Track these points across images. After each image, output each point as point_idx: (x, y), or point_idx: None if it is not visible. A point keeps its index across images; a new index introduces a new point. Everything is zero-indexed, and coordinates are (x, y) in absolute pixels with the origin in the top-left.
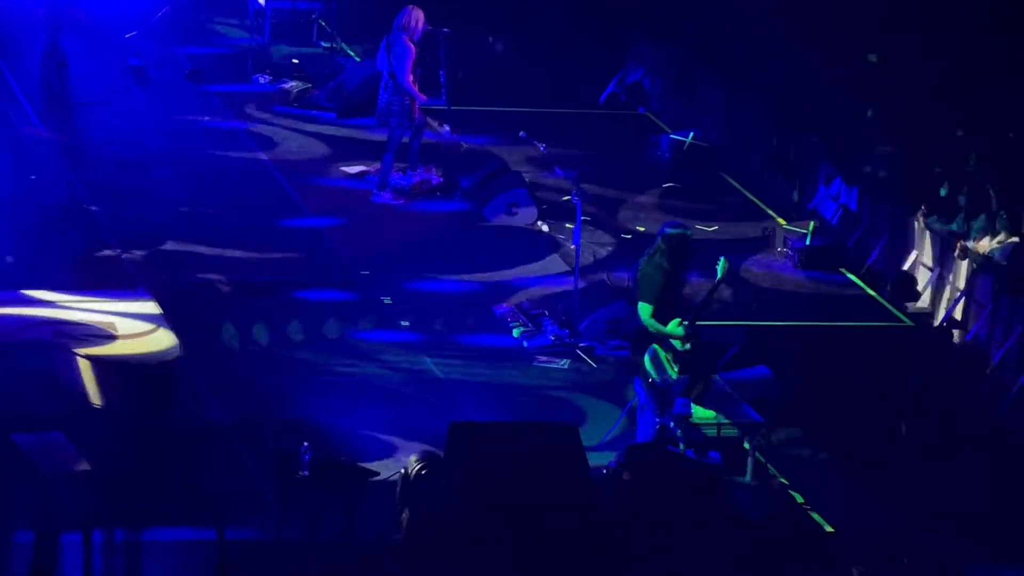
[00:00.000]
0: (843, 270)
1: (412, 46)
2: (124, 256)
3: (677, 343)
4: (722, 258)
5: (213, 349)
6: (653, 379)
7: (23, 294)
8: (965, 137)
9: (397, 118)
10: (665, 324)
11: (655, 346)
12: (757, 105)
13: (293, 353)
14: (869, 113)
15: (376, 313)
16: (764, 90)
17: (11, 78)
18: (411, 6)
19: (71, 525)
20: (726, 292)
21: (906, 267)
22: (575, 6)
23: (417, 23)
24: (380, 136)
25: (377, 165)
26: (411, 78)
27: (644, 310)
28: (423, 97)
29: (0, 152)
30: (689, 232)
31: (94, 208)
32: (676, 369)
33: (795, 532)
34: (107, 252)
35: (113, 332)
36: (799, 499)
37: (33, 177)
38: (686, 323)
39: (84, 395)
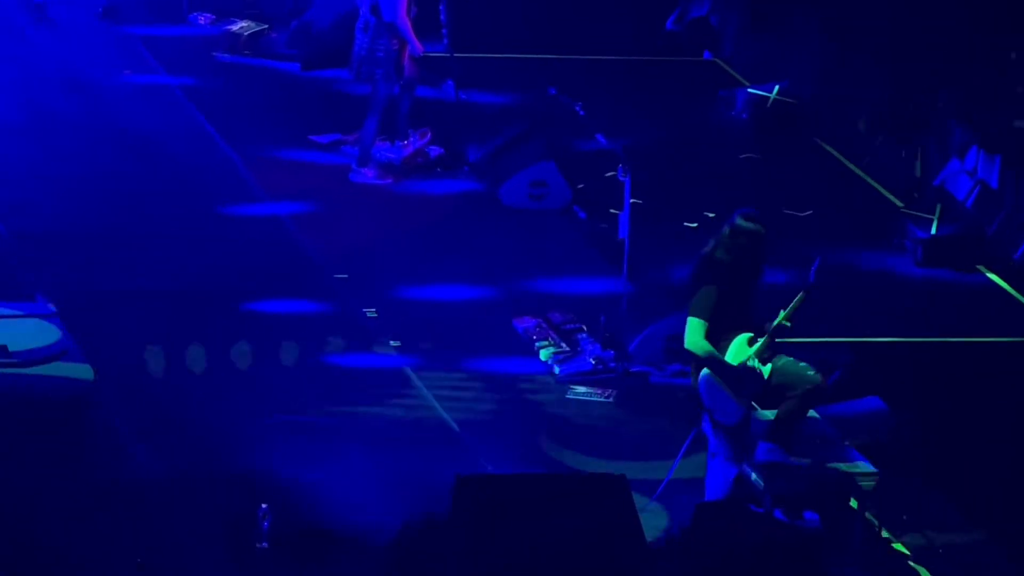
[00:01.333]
0: (980, 267)
1: None
2: (16, 256)
3: (755, 363)
4: (818, 259)
5: (138, 379)
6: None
7: None
8: None
9: (383, 67)
10: (723, 345)
11: (707, 372)
12: (863, 47)
13: (245, 384)
14: (1013, 56)
15: (355, 330)
16: (872, 28)
17: None
18: None
19: None
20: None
21: None
22: None
23: None
24: (360, 93)
25: (356, 133)
26: (404, 14)
27: (693, 329)
28: (419, 45)
29: None
30: (762, 229)
31: None
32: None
33: None
34: None
35: (2, 355)
36: (924, 575)
37: None
38: (755, 350)
39: None
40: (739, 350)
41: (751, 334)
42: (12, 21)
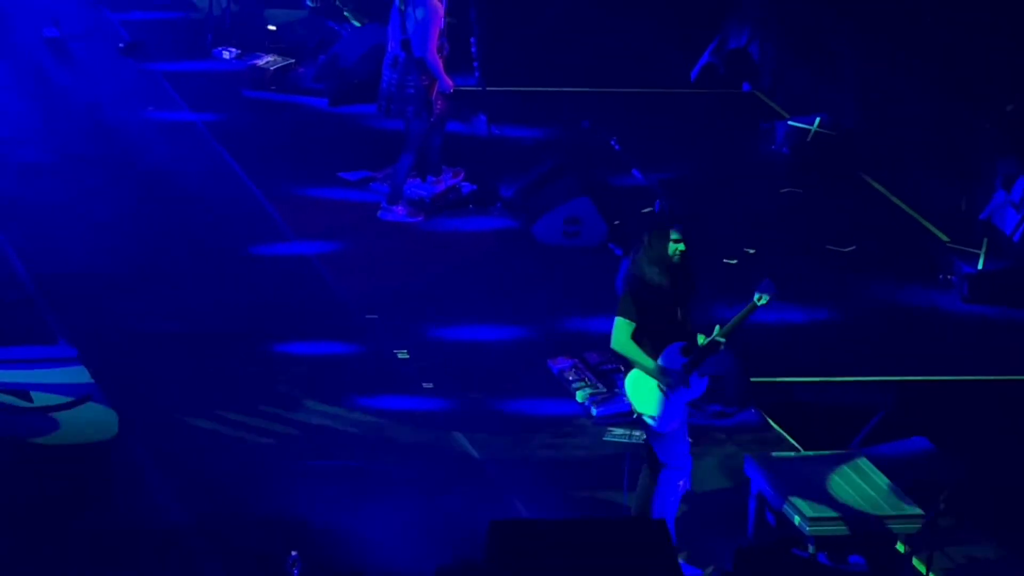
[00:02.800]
0: None
1: (440, 5)
2: (39, 298)
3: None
4: (767, 280)
5: (163, 424)
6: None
7: None
8: None
9: (413, 104)
10: (654, 351)
11: (634, 372)
12: (908, 78)
13: (273, 428)
14: None
15: (386, 372)
16: (917, 58)
17: None
18: None
19: None
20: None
21: None
22: None
23: None
24: (390, 129)
25: (386, 170)
26: (434, 50)
27: (617, 328)
28: (449, 81)
29: None
30: (675, 235)
31: None
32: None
33: None
34: (15, 292)
35: (26, 403)
36: None
37: None
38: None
39: None
40: (670, 359)
41: (685, 343)
42: (35, 60)
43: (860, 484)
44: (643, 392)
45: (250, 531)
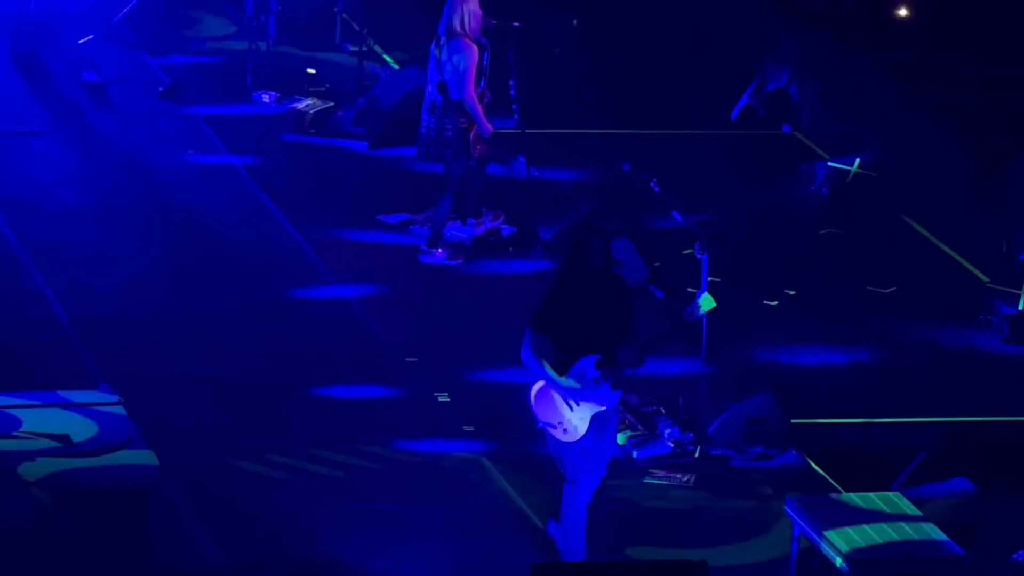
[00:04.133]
0: None
1: (474, 47)
2: (78, 341)
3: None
4: (705, 294)
5: (202, 467)
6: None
7: None
8: None
9: (452, 147)
10: (568, 362)
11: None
12: (947, 119)
13: (313, 470)
14: None
15: (427, 416)
16: (956, 98)
17: None
18: None
19: None
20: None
21: None
22: None
23: (471, 16)
24: (430, 172)
25: (426, 212)
26: (471, 91)
27: (525, 339)
28: (488, 126)
29: None
30: (591, 241)
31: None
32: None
33: None
34: (56, 335)
35: (67, 444)
36: None
37: None
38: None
39: (26, 532)
40: (582, 372)
41: (600, 356)
42: (75, 104)
43: (901, 525)
44: (547, 404)
45: (289, 574)
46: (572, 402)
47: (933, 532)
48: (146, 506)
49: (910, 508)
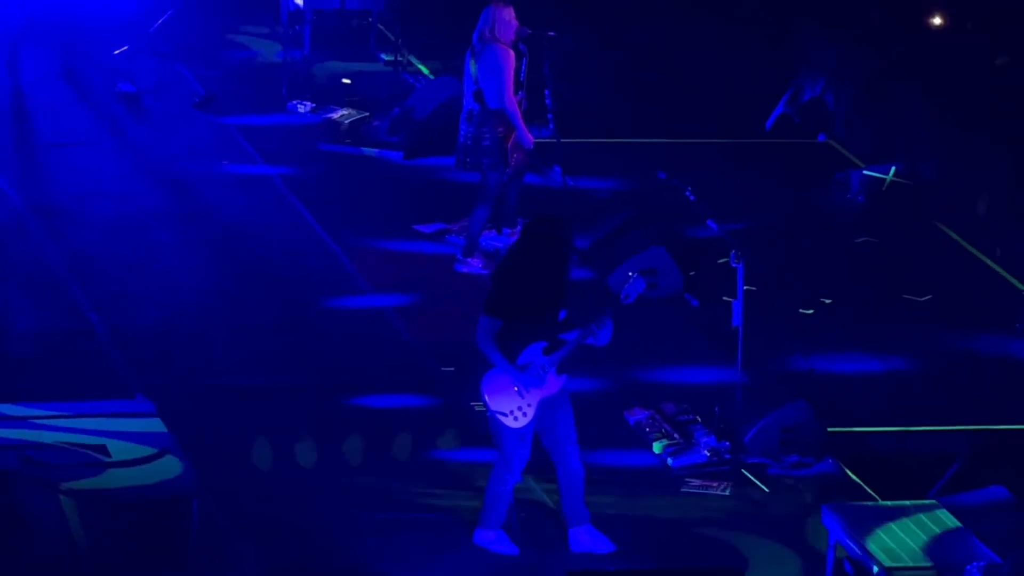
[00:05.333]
0: None
1: (510, 52)
2: (115, 352)
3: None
4: (634, 274)
5: (240, 477)
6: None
7: None
8: None
9: (490, 156)
10: (516, 347)
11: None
12: (983, 126)
13: (351, 481)
14: None
15: (463, 425)
16: (992, 106)
17: None
18: (494, 3)
19: None
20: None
21: None
22: None
23: (504, 25)
24: (465, 181)
25: (461, 222)
26: (511, 95)
27: (485, 327)
28: (530, 136)
29: None
30: (560, 233)
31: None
32: None
33: None
34: (93, 346)
35: (103, 457)
36: None
37: None
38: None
39: (62, 544)
40: (530, 358)
41: (547, 343)
42: (110, 116)
43: (938, 533)
44: (499, 391)
45: None
46: (521, 389)
47: (970, 540)
48: (183, 517)
49: (947, 516)
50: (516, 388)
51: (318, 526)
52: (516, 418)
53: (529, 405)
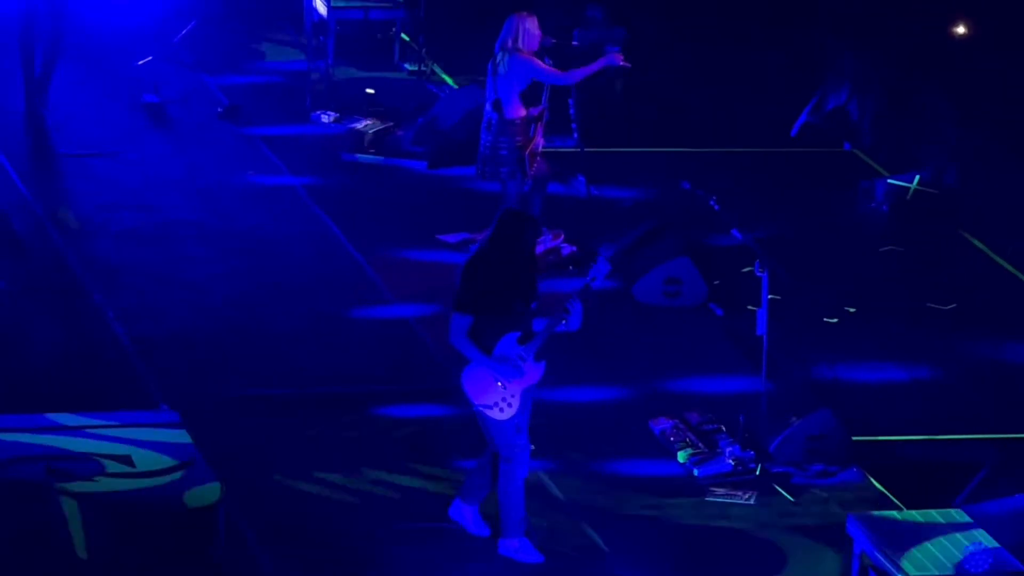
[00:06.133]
0: None
1: (531, 60)
2: (140, 363)
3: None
4: (603, 257)
5: (265, 488)
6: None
7: (4, 418)
8: None
9: (507, 166)
10: (490, 341)
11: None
12: (1007, 135)
13: (375, 490)
14: None
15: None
16: (1016, 114)
17: None
18: (518, 13)
19: None
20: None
21: None
22: (747, 3)
23: (527, 36)
24: (489, 191)
25: (486, 231)
26: (555, 73)
27: (458, 324)
28: (595, 68)
29: None
30: (530, 225)
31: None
32: None
33: None
34: (117, 357)
35: (128, 468)
36: None
37: (3, 286)
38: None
39: (88, 554)
40: (506, 349)
41: (521, 333)
42: (134, 126)
43: (963, 542)
44: (481, 385)
45: None
46: (502, 381)
47: (995, 549)
48: (208, 528)
49: (984, 536)
50: (496, 381)
51: (340, 536)
52: (502, 409)
53: (513, 396)
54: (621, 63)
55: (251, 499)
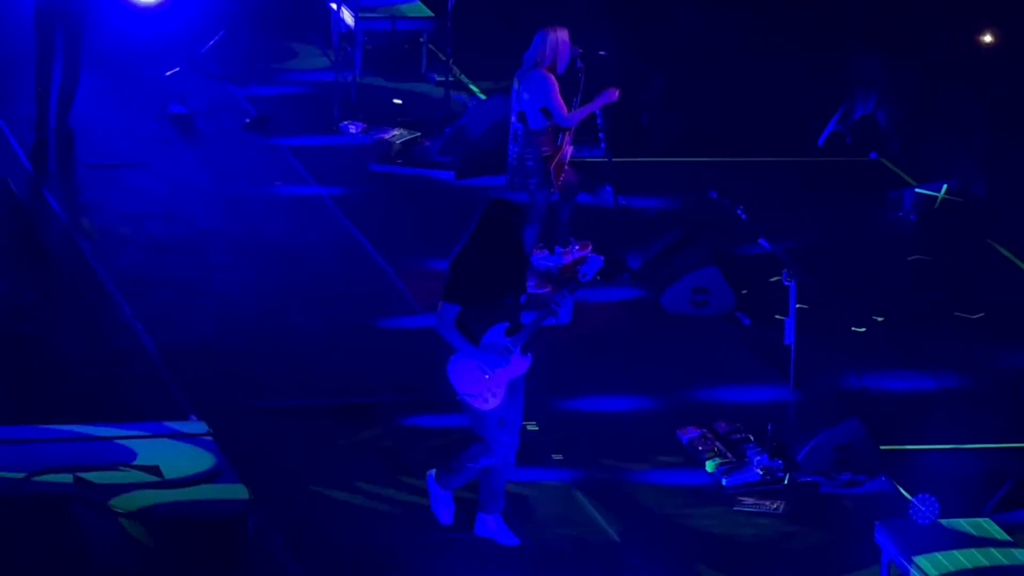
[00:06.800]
0: None
1: (551, 77)
2: (167, 373)
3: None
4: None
5: (293, 497)
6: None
7: (33, 429)
8: None
9: (535, 177)
10: (478, 330)
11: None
12: None
13: (403, 501)
14: None
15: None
16: None
17: (6, 129)
18: (548, 28)
19: None
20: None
21: None
22: (774, 13)
23: (558, 51)
24: (517, 201)
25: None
26: (567, 114)
27: (445, 313)
28: (584, 111)
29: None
30: (515, 215)
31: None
32: None
33: None
34: (145, 367)
35: (157, 477)
36: None
37: (32, 297)
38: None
39: (118, 566)
40: (493, 339)
41: (509, 324)
42: (162, 137)
43: (992, 552)
44: (466, 374)
45: None
46: (487, 372)
47: None
48: (237, 538)
49: (1001, 534)
50: (481, 371)
51: (370, 546)
52: (486, 400)
53: (497, 387)
54: (616, 99)
55: (279, 509)
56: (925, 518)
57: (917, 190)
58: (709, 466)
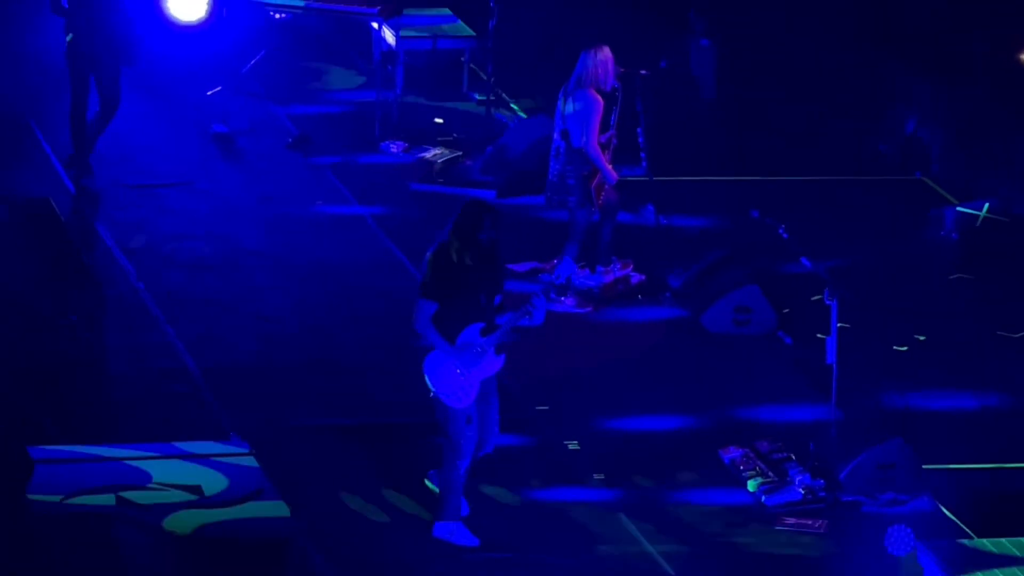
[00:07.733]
0: None
1: (598, 98)
2: (209, 393)
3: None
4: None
5: (335, 517)
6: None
7: (75, 450)
8: None
9: (575, 195)
10: (455, 329)
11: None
12: None
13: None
14: None
15: (557, 464)
16: None
17: (48, 149)
18: (594, 48)
19: None
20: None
21: None
22: (819, 34)
23: (603, 69)
24: (558, 220)
25: (553, 261)
26: (595, 142)
27: (422, 310)
28: (613, 174)
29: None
30: (487, 219)
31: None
32: None
33: None
34: (187, 386)
35: (199, 496)
36: None
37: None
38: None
39: None
40: (468, 339)
41: (484, 324)
42: (204, 157)
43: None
44: (440, 372)
45: None
46: (461, 370)
47: None
48: (279, 557)
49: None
50: (456, 368)
51: (411, 564)
52: (459, 398)
53: (470, 384)
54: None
55: (321, 527)
56: (899, 549)
57: (959, 209)
58: (751, 485)
